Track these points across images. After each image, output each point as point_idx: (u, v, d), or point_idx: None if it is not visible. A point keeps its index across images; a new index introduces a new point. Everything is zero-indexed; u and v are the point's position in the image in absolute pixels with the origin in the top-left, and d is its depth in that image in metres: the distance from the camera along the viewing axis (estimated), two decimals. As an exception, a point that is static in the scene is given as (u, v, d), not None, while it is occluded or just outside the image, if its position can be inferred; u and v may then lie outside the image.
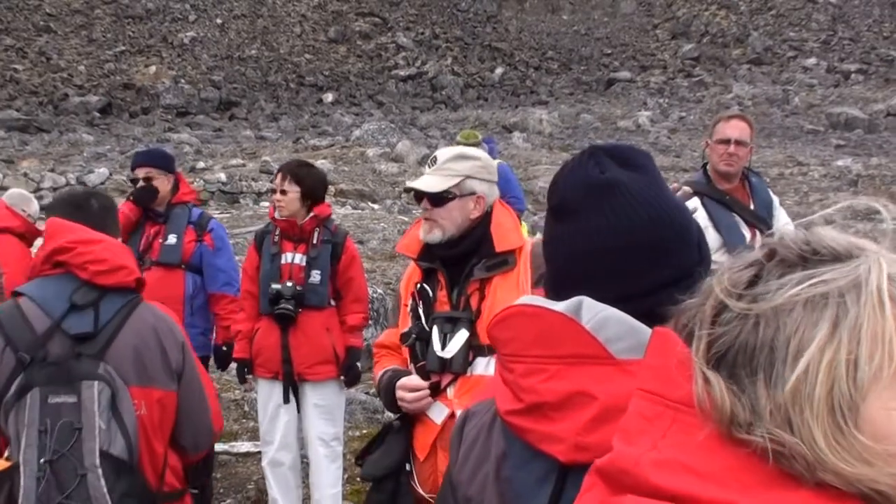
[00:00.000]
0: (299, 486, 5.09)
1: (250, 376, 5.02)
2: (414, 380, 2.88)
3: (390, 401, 2.94)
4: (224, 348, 5.11)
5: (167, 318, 2.86)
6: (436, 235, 2.90)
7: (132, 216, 4.93)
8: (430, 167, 2.96)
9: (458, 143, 8.10)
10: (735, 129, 4.49)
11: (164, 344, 2.74)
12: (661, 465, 0.91)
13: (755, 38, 46.65)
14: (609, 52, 48.15)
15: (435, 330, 2.85)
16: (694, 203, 4.48)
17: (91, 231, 2.81)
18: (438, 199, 2.90)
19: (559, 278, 1.40)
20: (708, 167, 4.66)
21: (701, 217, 4.31)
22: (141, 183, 4.97)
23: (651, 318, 1.23)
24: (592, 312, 1.24)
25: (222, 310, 5.06)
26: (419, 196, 2.96)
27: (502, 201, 3.15)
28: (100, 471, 2.48)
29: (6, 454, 2.58)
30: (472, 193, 2.93)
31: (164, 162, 5.13)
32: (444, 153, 3.01)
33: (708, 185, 4.61)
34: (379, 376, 3.05)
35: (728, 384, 0.90)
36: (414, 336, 2.91)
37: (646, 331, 1.20)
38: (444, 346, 2.83)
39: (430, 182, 2.92)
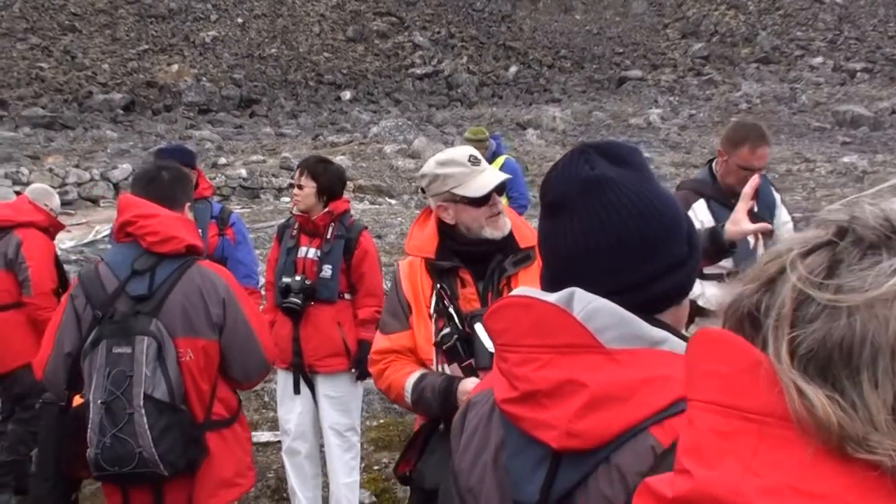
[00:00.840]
0: (318, 475, 5.09)
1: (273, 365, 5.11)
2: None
3: (445, 406, 2.76)
4: None
5: (213, 276, 3.28)
6: (509, 225, 2.98)
7: None
8: (476, 165, 2.95)
9: (467, 139, 8.18)
10: (761, 159, 4.41)
11: (207, 301, 3.19)
12: (770, 493, 0.80)
13: (763, 38, 46.53)
14: (621, 51, 48.14)
15: (480, 327, 2.78)
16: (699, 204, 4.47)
17: (151, 206, 3.26)
18: (502, 190, 3.00)
19: (555, 274, 1.41)
20: (714, 167, 4.61)
21: (706, 220, 4.34)
22: None
23: (642, 309, 1.29)
24: (583, 303, 1.26)
25: None
26: (485, 196, 2.91)
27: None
28: (143, 410, 2.96)
29: (82, 392, 3.13)
30: None
31: (187, 158, 5.17)
32: (475, 151, 3.05)
33: (713, 186, 4.56)
34: (413, 382, 2.89)
35: (829, 395, 0.79)
36: (456, 336, 2.85)
37: (635, 321, 1.25)
38: None
39: (500, 174, 3.00)
